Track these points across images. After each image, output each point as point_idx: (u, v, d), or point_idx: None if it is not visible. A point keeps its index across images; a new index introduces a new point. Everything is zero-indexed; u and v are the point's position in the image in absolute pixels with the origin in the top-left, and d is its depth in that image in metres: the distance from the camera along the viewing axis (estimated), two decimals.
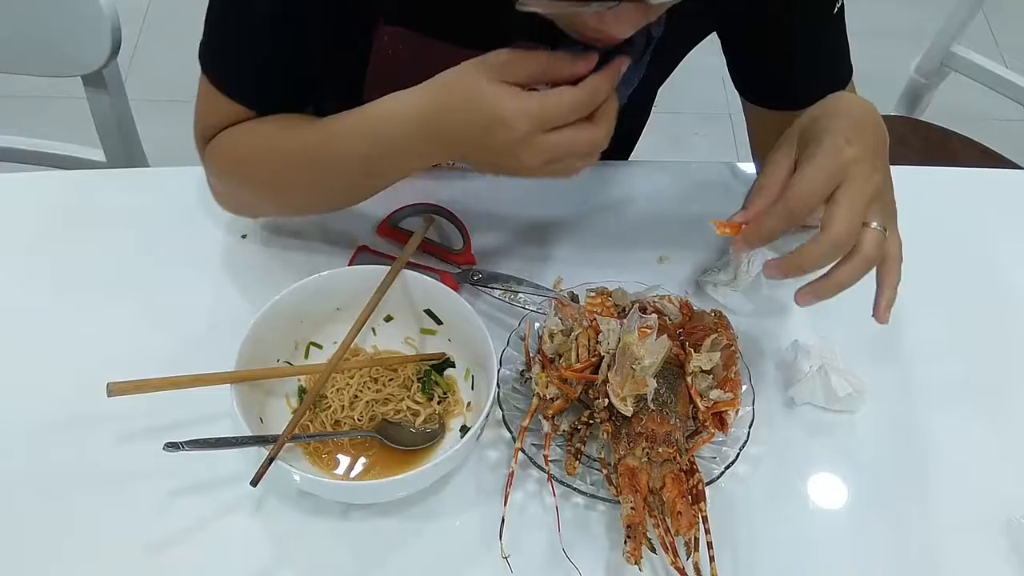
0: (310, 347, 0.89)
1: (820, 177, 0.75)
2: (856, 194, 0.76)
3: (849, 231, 0.75)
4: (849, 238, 0.76)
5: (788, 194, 0.76)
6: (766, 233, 0.77)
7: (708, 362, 0.81)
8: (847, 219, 0.75)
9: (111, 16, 1.15)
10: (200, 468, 0.81)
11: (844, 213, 0.75)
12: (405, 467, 0.81)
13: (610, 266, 0.95)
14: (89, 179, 1.10)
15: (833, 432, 0.88)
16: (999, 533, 0.82)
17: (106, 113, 1.27)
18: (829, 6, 0.91)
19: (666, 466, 0.76)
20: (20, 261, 0.96)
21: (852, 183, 0.76)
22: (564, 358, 0.82)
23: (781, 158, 0.80)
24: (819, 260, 0.76)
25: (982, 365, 0.94)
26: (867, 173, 0.77)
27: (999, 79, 1.58)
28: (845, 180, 0.76)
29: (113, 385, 0.75)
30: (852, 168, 0.76)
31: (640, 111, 1.17)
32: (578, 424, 0.82)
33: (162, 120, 1.61)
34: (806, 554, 0.81)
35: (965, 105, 1.84)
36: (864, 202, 0.76)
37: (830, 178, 0.76)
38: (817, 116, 0.80)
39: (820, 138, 0.77)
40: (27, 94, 2.05)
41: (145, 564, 0.77)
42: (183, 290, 0.94)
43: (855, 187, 0.76)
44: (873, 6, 1.30)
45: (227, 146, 0.90)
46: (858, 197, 0.76)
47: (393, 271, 0.86)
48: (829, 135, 0.77)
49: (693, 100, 2.14)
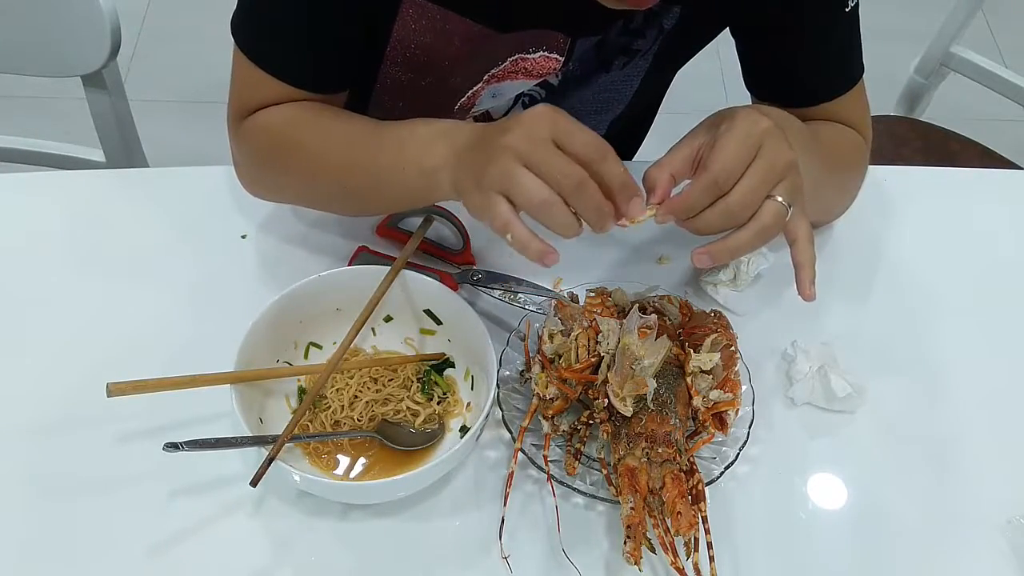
0: (310, 347, 0.89)
1: (739, 145, 0.75)
2: (764, 165, 0.75)
3: (746, 199, 0.75)
4: (745, 206, 0.75)
5: (709, 165, 0.75)
6: (691, 204, 0.76)
7: (708, 362, 0.81)
8: (747, 187, 0.75)
9: (111, 16, 1.15)
10: (200, 468, 0.81)
11: (745, 182, 0.75)
12: (405, 467, 0.81)
13: (610, 266, 0.95)
14: (89, 179, 1.10)
15: (833, 432, 0.88)
16: (998, 533, 0.82)
17: (106, 113, 1.27)
18: (842, 4, 0.91)
19: (666, 466, 0.76)
20: (19, 261, 0.96)
21: (764, 153, 0.75)
22: (564, 358, 0.82)
23: (686, 141, 0.79)
24: (713, 223, 0.76)
25: (981, 365, 0.94)
26: (780, 146, 0.76)
27: (999, 79, 1.58)
28: (760, 150, 0.75)
29: (113, 385, 0.75)
30: (767, 139, 0.76)
31: (647, 111, 1.17)
32: (578, 424, 0.82)
33: (162, 120, 1.61)
34: (806, 554, 0.81)
35: (965, 105, 1.84)
36: (771, 173, 0.76)
37: (749, 147, 0.75)
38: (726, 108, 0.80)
39: (735, 114, 0.77)
40: (27, 94, 2.06)
41: (145, 564, 0.77)
42: (183, 290, 0.94)
43: (765, 158, 0.75)
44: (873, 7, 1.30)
45: (263, 128, 0.90)
46: (765, 168, 0.75)
47: (393, 271, 0.86)
48: (744, 111, 0.77)
49: (693, 100, 2.13)
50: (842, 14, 0.92)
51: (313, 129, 0.88)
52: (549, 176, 0.71)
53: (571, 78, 0.97)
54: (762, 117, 0.76)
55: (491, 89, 0.96)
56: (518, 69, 0.93)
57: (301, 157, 0.89)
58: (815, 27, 0.93)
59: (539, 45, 0.91)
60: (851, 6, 0.91)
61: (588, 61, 0.95)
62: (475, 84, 0.95)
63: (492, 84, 0.95)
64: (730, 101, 2.29)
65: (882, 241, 1.03)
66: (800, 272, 0.80)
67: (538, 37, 0.90)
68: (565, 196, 0.71)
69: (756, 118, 0.76)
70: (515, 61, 0.92)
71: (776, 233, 0.78)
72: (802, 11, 0.91)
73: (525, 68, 0.93)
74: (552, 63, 0.93)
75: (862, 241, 1.02)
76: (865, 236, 1.02)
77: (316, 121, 0.88)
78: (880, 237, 1.03)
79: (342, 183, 0.89)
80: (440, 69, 0.92)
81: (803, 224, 0.80)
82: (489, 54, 0.92)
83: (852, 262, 1.01)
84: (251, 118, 0.90)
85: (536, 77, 0.95)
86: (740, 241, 0.76)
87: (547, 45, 0.91)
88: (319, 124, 0.88)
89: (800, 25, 0.93)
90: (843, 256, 1.01)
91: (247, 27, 0.87)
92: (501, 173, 0.72)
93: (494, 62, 0.92)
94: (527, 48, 0.91)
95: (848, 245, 1.02)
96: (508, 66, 0.93)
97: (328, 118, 0.89)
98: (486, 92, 0.96)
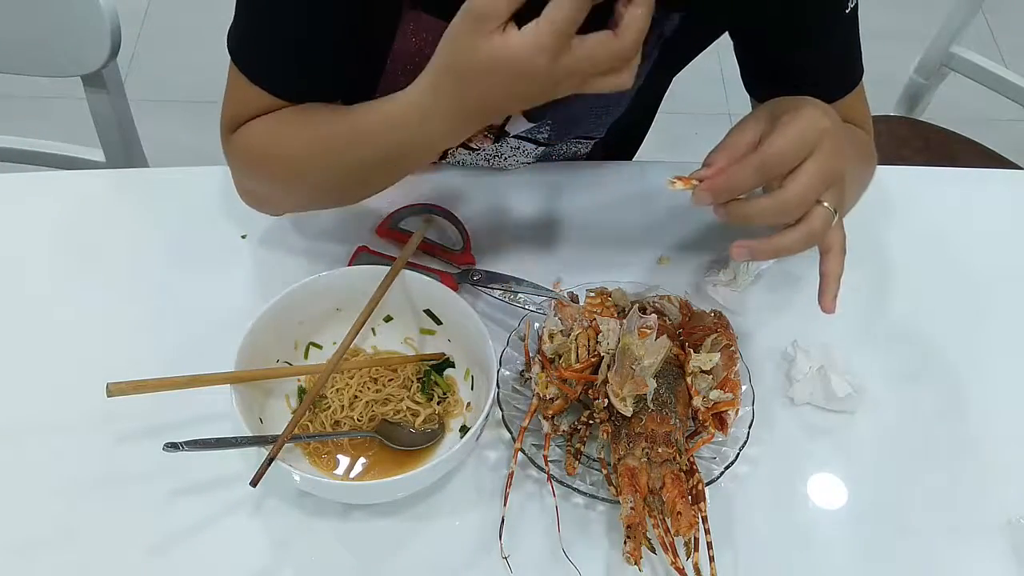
0: (310, 347, 0.89)
1: (797, 138, 0.74)
2: (822, 166, 0.75)
3: (803, 198, 0.75)
4: (801, 205, 0.75)
5: (763, 148, 0.74)
6: (735, 184, 0.74)
7: (708, 362, 0.81)
8: (805, 186, 0.74)
9: (111, 16, 1.15)
10: (200, 468, 0.81)
11: (805, 180, 0.74)
12: (405, 467, 0.81)
13: (610, 266, 0.95)
14: (89, 179, 1.10)
15: (833, 432, 0.88)
16: (999, 534, 0.82)
17: (106, 113, 1.27)
18: (842, 6, 0.91)
19: (666, 466, 0.76)
20: (19, 261, 0.96)
21: (821, 154, 0.75)
22: (564, 358, 0.82)
23: (747, 128, 0.78)
24: (766, 215, 0.75)
25: (982, 365, 0.94)
26: (837, 150, 0.76)
27: (999, 79, 1.58)
28: (816, 150, 0.75)
29: (113, 385, 0.75)
30: (825, 140, 0.75)
31: (646, 113, 1.17)
32: (578, 424, 0.82)
33: (162, 120, 1.61)
34: (806, 554, 0.81)
35: (965, 105, 1.83)
36: (826, 176, 0.75)
37: (806, 142, 0.74)
38: (793, 98, 0.79)
39: (799, 107, 0.76)
40: (27, 94, 2.05)
41: (145, 564, 0.77)
42: (183, 290, 0.94)
43: (822, 158, 0.75)
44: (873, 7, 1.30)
45: (249, 136, 0.89)
46: (823, 169, 0.75)
47: (393, 271, 0.86)
48: (808, 107, 0.77)
49: (693, 101, 2.14)
50: (842, 16, 0.92)
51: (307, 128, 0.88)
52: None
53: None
54: (824, 117, 0.76)
55: None
56: None
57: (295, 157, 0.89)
58: (816, 29, 0.93)
59: None
60: (851, 7, 0.91)
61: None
62: None
63: None
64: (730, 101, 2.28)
65: (882, 241, 1.03)
66: (828, 283, 0.79)
67: None
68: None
69: (818, 116, 0.75)
70: None
71: (820, 240, 0.77)
72: (803, 13, 0.91)
73: None
74: None
75: (862, 241, 1.02)
76: (865, 236, 1.02)
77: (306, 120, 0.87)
78: (880, 237, 1.03)
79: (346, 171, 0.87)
80: None
81: (841, 235, 0.80)
82: None
83: (852, 262, 1.00)
84: (241, 130, 0.90)
85: None
86: (787, 241, 0.76)
87: None
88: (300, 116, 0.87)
89: (801, 27, 0.93)
90: None
91: (244, 44, 0.87)
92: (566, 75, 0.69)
93: None
94: None
95: (848, 245, 1.01)
96: None
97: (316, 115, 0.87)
98: None
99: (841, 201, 0.78)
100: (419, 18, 0.87)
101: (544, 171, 1.07)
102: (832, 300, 0.80)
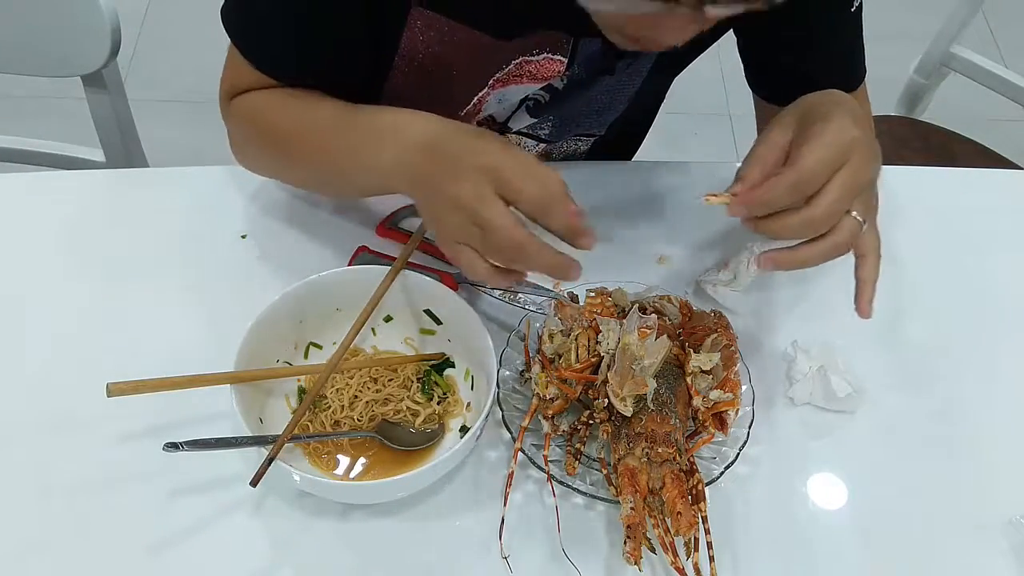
0: (310, 347, 0.89)
1: (830, 152, 0.75)
2: (850, 178, 0.75)
3: (830, 212, 0.75)
4: (829, 219, 0.76)
5: (798, 165, 0.75)
6: (770, 200, 0.75)
7: (708, 362, 0.81)
8: (833, 200, 0.75)
9: (111, 17, 1.15)
10: (200, 468, 0.81)
11: (833, 195, 0.75)
12: (405, 467, 0.81)
13: (610, 266, 0.95)
14: (89, 179, 1.10)
15: (833, 432, 0.88)
16: (999, 534, 0.82)
17: (106, 113, 1.27)
18: (847, 5, 0.91)
19: (666, 466, 0.76)
20: (19, 261, 0.96)
21: (851, 166, 0.75)
22: (564, 358, 0.82)
23: (776, 135, 0.79)
24: (793, 230, 0.76)
25: (982, 365, 0.94)
26: (867, 159, 0.76)
27: (999, 79, 1.58)
28: (846, 164, 0.75)
29: (113, 385, 0.75)
30: (856, 151, 0.76)
31: (647, 112, 1.17)
32: (578, 424, 0.82)
33: (162, 120, 1.61)
34: (806, 554, 0.81)
35: (965, 105, 1.83)
36: (855, 188, 0.76)
37: (839, 155, 0.75)
38: (820, 102, 0.79)
39: (828, 116, 0.77)
40: (27, 94, 2.05)
41: (145, 564, 0.77)
42: (183, 290, 0.94)
43: (852, 171, 0.75)
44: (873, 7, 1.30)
45: (246, 111, 0.91)
46: (851, 182, 0.75)
47: (393, 271, 0.86)
48: (838, 115, 0.77)
49: (693, 100, 2.14)
50: (848, 15, 0.92)
51: (289, 115, 0.89)
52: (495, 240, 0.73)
53: (575, 82, 0.97)
54: (853, 126, 0.76)
55: (496, 94, 0.96)
56: (522, 73, 0.93)
57: (277, 142, 0.91)
58: (821, 28, 0.93)
59: (542, 47, 0.91)
60: (856, 5, 0.91)
61: (592, 64, 0.95)
62: (481, 90, 0.95)
63: (497, 89, 0.95)
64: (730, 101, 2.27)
65: (882, 241, 1.03)
66: (863, 288, 0.81)
67: (541, 39, 0.90)
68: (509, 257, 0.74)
69: (848, 126, 0.76)
70: (519, 64, 0.92)
71: (847, 250, 0.78)
72: (807, 11, 0.91)
73: (529, 71, 0.93)
74: (556, 66, 0.93)
75: None
76: None
77: (293, 107, 0.89)
78: (880, 237, 1.03)
79: (315, 169, 0.91)
80: (447, 76, 0.92)
81: (874, 240, 0.81)
82: (494, 59, 0.92)
83: (852, 262, 1.00)
84: (237, 100, 0.91)
85: (540, 80, 0.95)
86: (812, 254, 0.77)
87: (550, 47, 0.91)
88: (295, 110, 0.89)
89: (806, 25, 0.93)
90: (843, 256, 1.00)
91: (236, 15, 0.88)
92: (458, 229, 0.74)
93: (498, 66, 0.93)
94: (530, 50, 0.91)
95: None
96: (512, 69, 0.93)
97: (304, 105, 0.89)
98: (492, 97, 0.97)
99: (869, 207, 0.79)
100: (424, 15, 0.87)
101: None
102: (868, 305, 0.81)
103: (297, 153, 0.90)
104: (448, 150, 0.77)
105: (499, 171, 0.73)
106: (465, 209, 0.73)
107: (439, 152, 0.77)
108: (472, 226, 0.73)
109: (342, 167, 0.86)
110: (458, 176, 0.74)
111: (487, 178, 0.73)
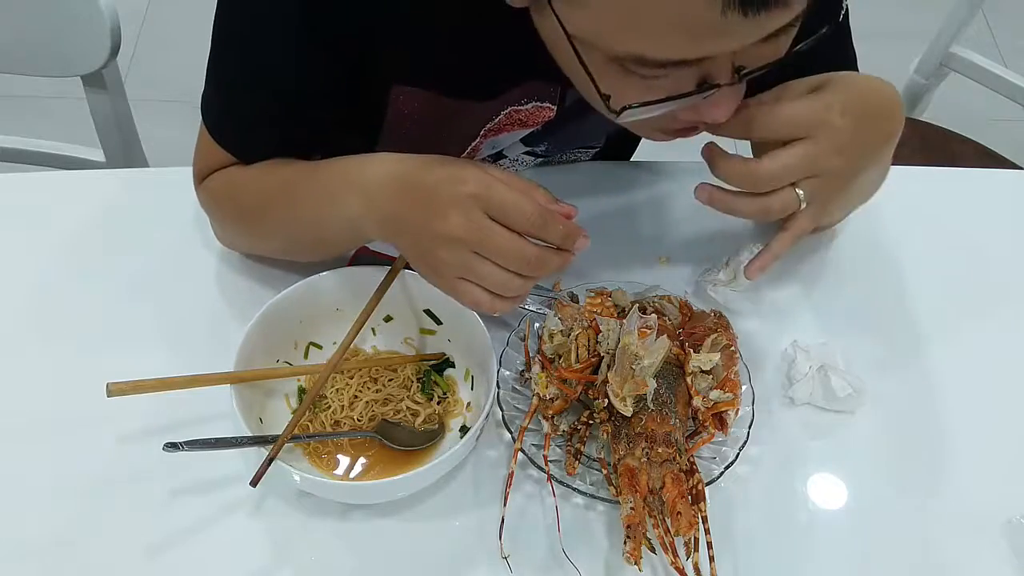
0: (310, 347, 0.89)
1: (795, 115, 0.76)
2: (807, 156, 0.76)
3: (774, 175, 0.76)
4: (770, 180, 0.76)
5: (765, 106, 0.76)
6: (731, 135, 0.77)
7: (708, 362, 0.81)
8: (781, 166, 0.76)
9: (111, 16, 1.15)
10: (200, 468, 0.81)
11: (783, 160, 0.75)
12: (405, 467, 0.81)
13: (610, 266, 0.95)
14: (89, 179, 1.10)
15: (833, 432, 0.88)
16: (999, 533, 0.82)
17: (106, 113, 1.27)
18: (835, 13, 0.91)
19: (666, 466, 0.76)
20: (19, 261, 0.96)
21: (814, 143, 0.75)
22: (564, 358, 0.82)
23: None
24: (733, 177, 0.78)
25: (981, 365, 0.94)
26: (835, 148, 0.76)
27: (999, 79, 1.58)
28: (810, 138, 0.75)
29: (112, 385, 0.75)
30: (824, 133, 0.76)
31: None
32: (578, 424, 0.82)
33: (162, 120, 1.61)
34: (806, 554, 0.81)
35: (965, 105, 1.83)
36: (808, 166, 0.76)
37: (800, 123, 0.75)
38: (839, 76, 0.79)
39: (826, 85, 0.77)
40: (27, 94, 2.05)
41: (145, 564, 0.77)
42: (183, 290, 0.94)
43: (811, 148, 0.75)
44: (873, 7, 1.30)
45: (216, 188, 0.91)
46: (808, 158, 0.76)
47: (393, 271, 0.86)
48: (833, 92, 0.77)
49: None
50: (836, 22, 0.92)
51: (258, 182, 0.88)
52: (505, 264, 0.73)
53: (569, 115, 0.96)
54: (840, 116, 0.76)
55: (489, 143, 0.96)
56: (513, 121, 0.93)
57: (250, 209, 0.90)
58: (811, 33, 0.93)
59: (530, 97, 0.91)
60: (842, 14, 0.91)
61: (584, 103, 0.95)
62: (473, 140, 0.95)
63: (489, 138, 0.95)
64: None
65: (882, 241, 1.03)
66: (764, 254, 0.84)
67: (527, 89, 0.90)
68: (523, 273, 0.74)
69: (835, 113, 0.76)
70: (508, 114, 0.92)
71: (774, 218, 0.79)
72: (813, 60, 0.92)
73: (520, 119, 0.93)
74: (546, 112, 0.93)
75: (862, 241, 1.02)
76: (865, 236, 1.02)
77: (261, 173, 0.88)
78: (880, 237, 1.03)
79: (288, 231, 0.89)
80: (437, 139, 0.91)
81: (804, 224, 0.81)
82: (482, 116, 0.92)
83: (852, 262, 1.01)
84: (207, 180, 0.91)
85: (532, 126, 0.95)
86: (741, 206, 0.79)
87: (538, 96, 0.91)
88: (263, 177, 0.88)
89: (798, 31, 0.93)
90: (843, 256, 1.01)
91: (215, 110, 0.88)
92: (459, 264, 0.73)
93: (488, 119, 0.93)
94: (518, 101, 0.91)
95: (848, 245, 1.02)
96: (503, 119, 0.93)
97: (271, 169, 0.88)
98: (485, 145, 0.97)
99: (819, 195, 0.78)
100: (404, 91, 0.87)
101: (544, 172, 1.07)
102: (757, 271, 0.84)
103: (269, 217, 0.88)
104: (421, 185, 0.75)
105: (485, 195, 0.72)
106: (462, 241, 0.72)
107: (411, 190, 0.76)
108: (472, 257, 0.72)
109: (312, 221, 0.85)
110: (442, 211, 0.72)
111: (476, 204, 0.72)
